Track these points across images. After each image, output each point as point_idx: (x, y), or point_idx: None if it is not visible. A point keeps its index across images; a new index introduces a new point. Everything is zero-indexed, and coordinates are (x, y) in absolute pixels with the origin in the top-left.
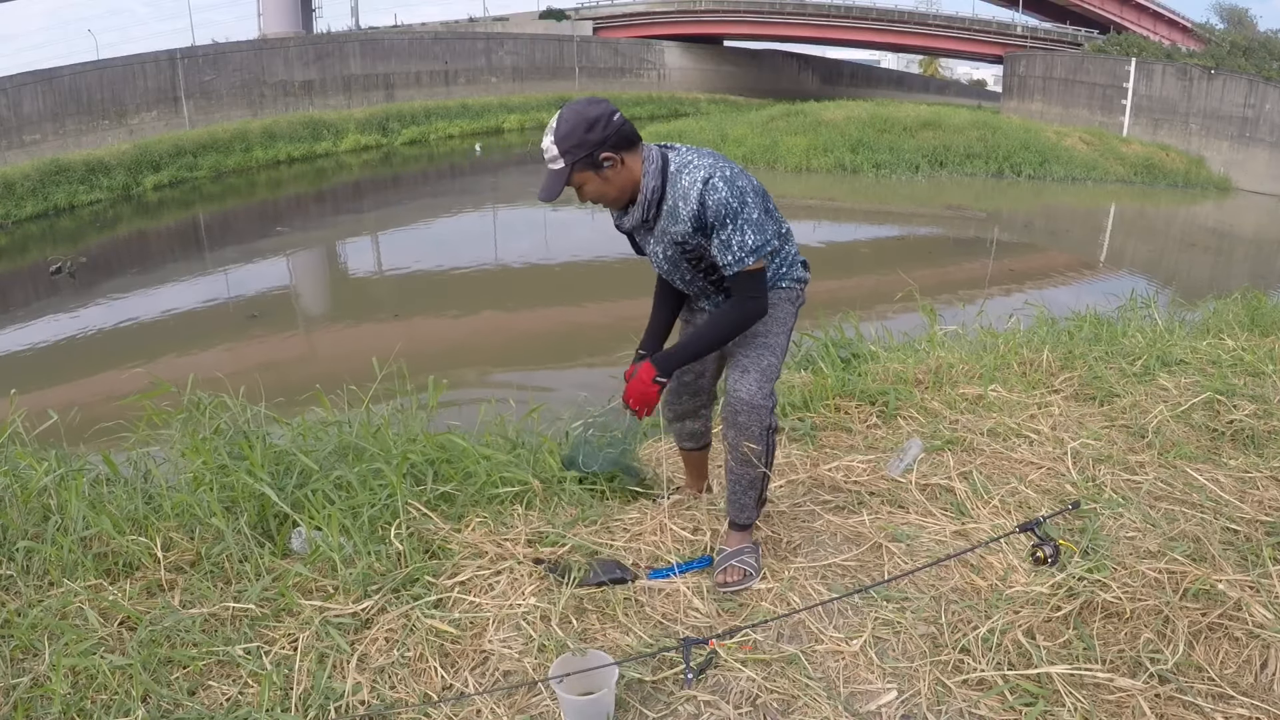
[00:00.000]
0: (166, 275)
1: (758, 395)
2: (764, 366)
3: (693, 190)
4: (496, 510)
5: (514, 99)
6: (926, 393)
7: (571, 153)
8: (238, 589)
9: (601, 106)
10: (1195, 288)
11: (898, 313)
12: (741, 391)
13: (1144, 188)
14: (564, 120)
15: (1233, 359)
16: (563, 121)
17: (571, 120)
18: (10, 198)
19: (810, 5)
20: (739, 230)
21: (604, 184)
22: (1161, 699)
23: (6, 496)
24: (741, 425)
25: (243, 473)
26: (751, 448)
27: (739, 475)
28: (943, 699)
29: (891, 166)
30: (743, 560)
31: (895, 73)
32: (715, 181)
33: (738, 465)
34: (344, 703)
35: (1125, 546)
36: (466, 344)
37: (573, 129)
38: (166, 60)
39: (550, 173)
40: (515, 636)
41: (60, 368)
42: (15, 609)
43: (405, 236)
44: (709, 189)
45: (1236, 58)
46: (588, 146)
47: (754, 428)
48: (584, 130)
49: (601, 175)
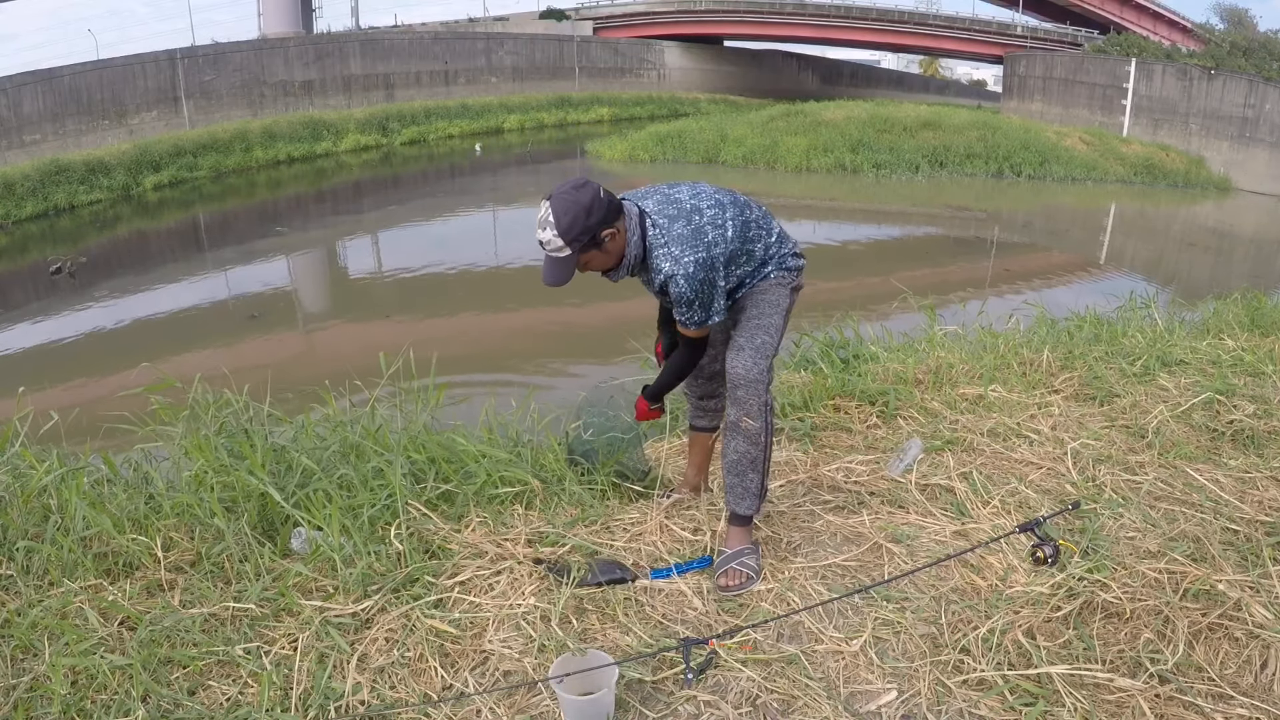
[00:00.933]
0: (166, 275)
1: (753, 370)
2: (758, 344)
3: (657, 276)
4: (496, 510)
5: (514, 99)
6: (926, 393)
7: (577, 240)
8: (238, 589)
9: (590, 189)
10: (1195, 288)
11: (897, 313)
12: (737, 366)
13: (1144, 188)
14: (561, 213)
15: (1233, 359)
16: (560, 215)
17: (571, 210)
18: (10, 198)
19: (810, 5)
20: (692, 311)
21: (605, 256)
22: (1161, 699)
23: (7, 496)
24: (740, 399)
25: (243, 472)
26: (750, 424)
27: (741, 454)
28: (943, 699)
29: (891, 166)
30: (743, 563)
31: (895, 73)
32: (678, 279)
33: (739, 443)
34: (344, 703)
35: (1125, 546)
36: (466, 343)
37: (574, 219)
38: (166, 60)
39: (556, 261)
40: (515, 636)
41: (60, 368)
42: (15, 609)
43: (405, 236)
44: (671, 282)
45: (1236, 58)
46: (590, 231)
47: (752, 402)
48: (585, 218)
49: (604, 250)
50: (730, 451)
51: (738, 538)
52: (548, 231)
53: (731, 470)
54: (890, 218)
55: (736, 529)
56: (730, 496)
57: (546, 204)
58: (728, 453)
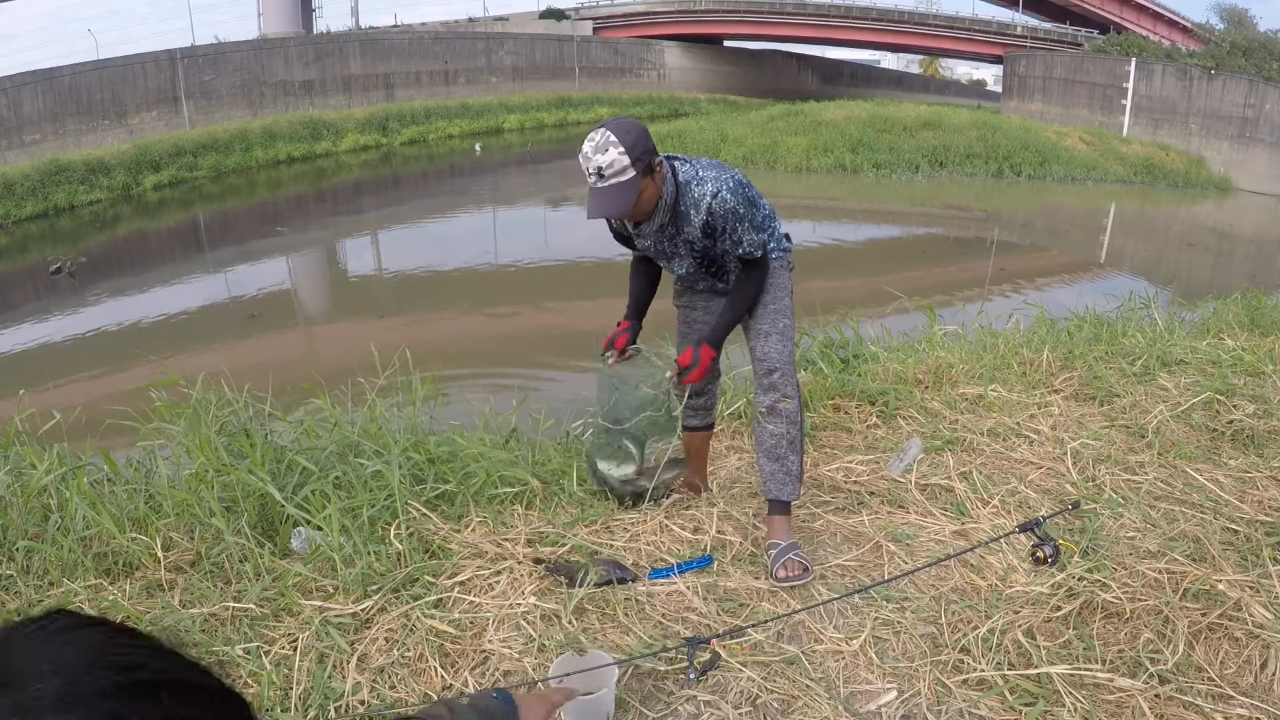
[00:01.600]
0: (166, 275)
1: (784, 352)
2: (781, 328)
3: (703, 201)
4: (496, 510)
5: (514, 99)
6: (926, 393)
7: (641, 159)
8: (238, 589)
9: (633, 120)
10: (1195, 288)
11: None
12: (770, 351)
13: (1144, 188)
14: (623, 132)
15: (1233, 359)
16: (623, 134)
17: (632, 130)
18: (10, 198)
19: (810, 5)
20: (747, 231)
21: (655, 189)
22: (1161, 699)
23: (7, 496)
24: (775, 383)
25: (243, 471)
26: (788, 404)
27: (779, 436)
28: (943, 699)
29: (891, 166)
30: (797, 554)
31: (895, 73)
32: (723, 194)
33: (778, 426)
34: (344, 703)
35: (1125, 546)
36: (466, 343)
37: (637, 137)
38: (166, 60)
39: (617, 188)
40: (515, 636)
41: (60, 367)
42: (15, 609)
43: (405, 236)
44: (717, 200)
45: (1236, 58)
46: (650, 152)
47: (788, 384)
48: (646, 137)
49: (655, 181)
50: (767, 437)
51: (783, 528)
52: (610, 153)
53: (770, 456)
54: (890, 218)
55: (781, 518)
56: (771, 484)
57: (601, 130)
58: (764, 439)
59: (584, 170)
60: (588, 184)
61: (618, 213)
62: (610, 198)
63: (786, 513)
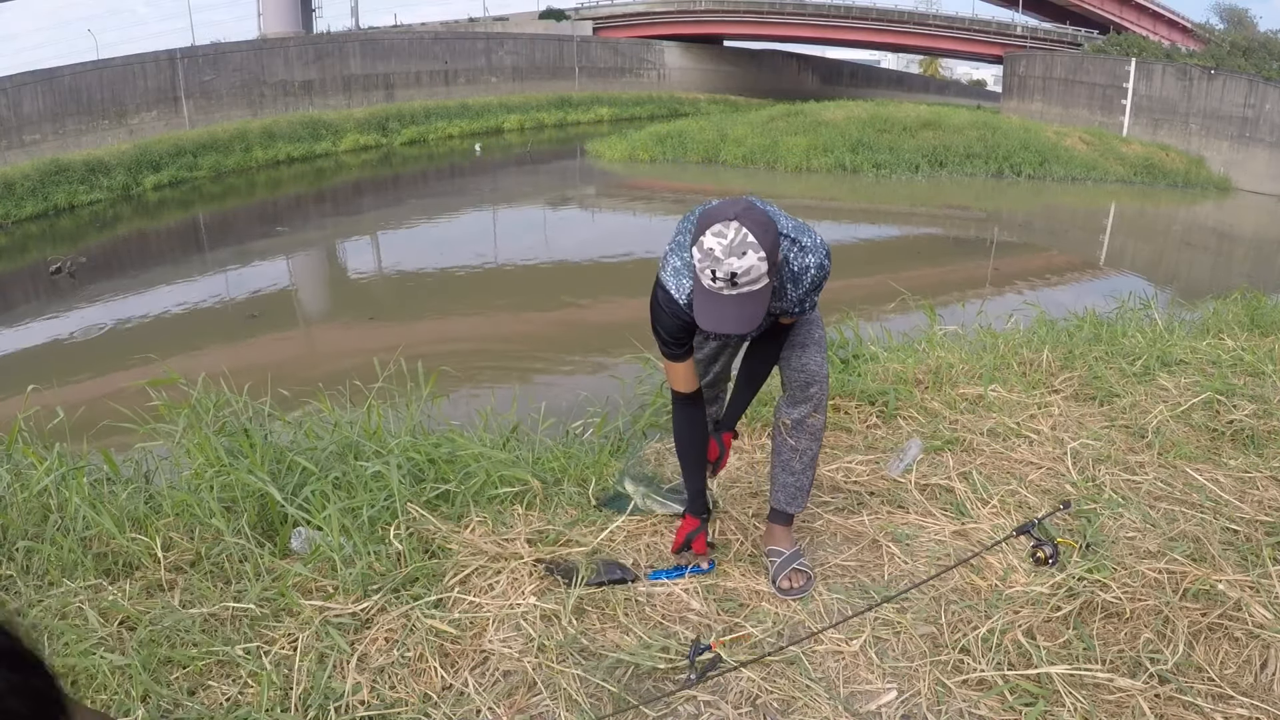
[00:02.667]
0: (166, 275)
1: (823, 365)
2: (816, 339)
3: (805, 275)
4: (496, 510)
5: (514, 99)
6: (926, 393)
7: (774, 264)
8: (238, 589)
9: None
10: (1195, 288)
11: (897, 313)
12: (810, 364)
13: (1144, 188)
14: (762, 230)
15: (1233, 359)
16: (761, 232)
17: (770, 227)
18: (10, 198)
19: (810, 5)
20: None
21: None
22: (1161, 699)
23: (7, 496)
24: (812, 395)
25: (243, 471)
26: (818, 419)
27: (801, 452)
28: (943, 699)
29: (891, 166)
30: (801, 564)
31: (895, 73)
32: (825, 262)
33: (800, 441)
34: (344, 703)
35: (1125, 546)
36: (465, 343)
37: (775, 239)
38: (166, 60)
39: (750, 296)
40: (515, 636)
41: (60, 367)
42: (15, 609)
43: (405, 236)
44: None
45: (1236, 58)
46: (778, 251)
47: (822, 398)
48: (776, 235)
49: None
50: (788, 451)
51: (786, 538)
52: (749, 257)
53: (787, 469)
54: (890, 218)
55: (783, 529)
56: (782, 496)
57: (733, 226)
58: (783, 452)
59: (702, 268)
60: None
61: (748, 328)
62: (742, 309)
63: (789, 523)
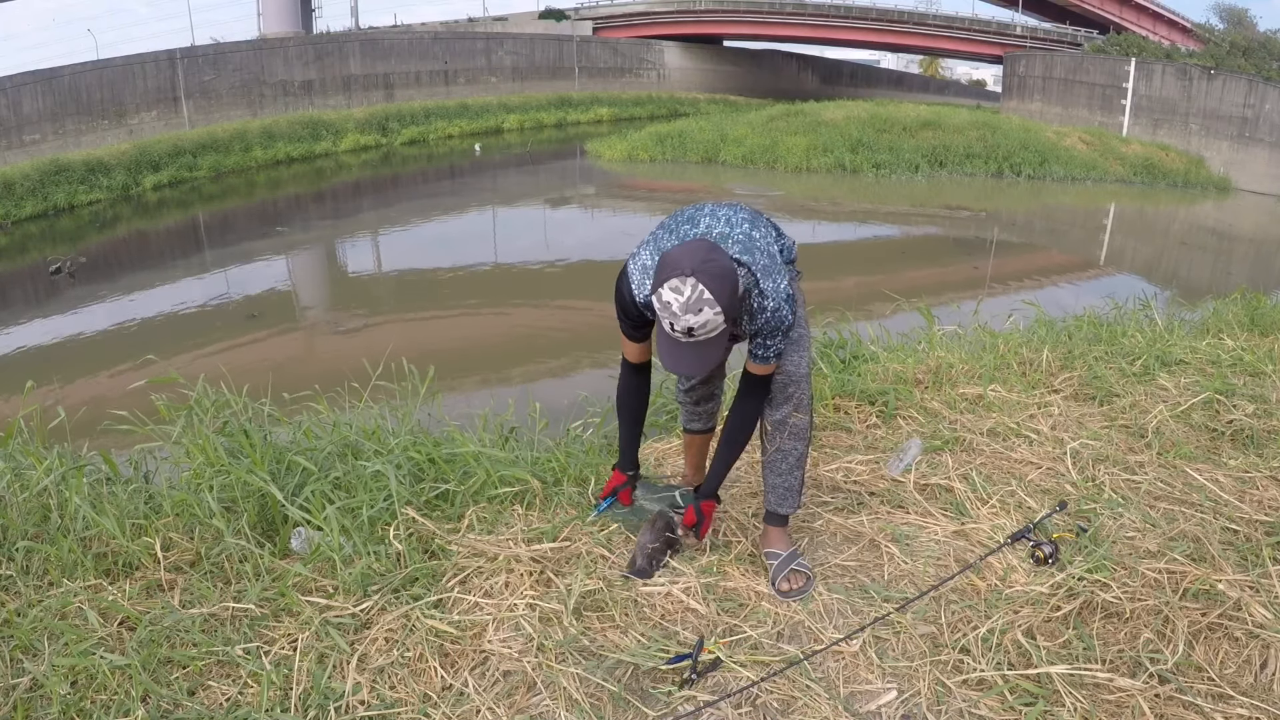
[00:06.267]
0: (166, 275)
1: (802, 366)
2: (796, 338)
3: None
4: (496, 510)
5: (514, 99)
6: (926, 393)
7: (732, 315)
8: (237, 589)
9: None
10: (1195, 288)
11: (897, 313)
12: (788, 365)
13: (1144, 188)
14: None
15: (1232, 359)
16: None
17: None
18: (10, 198)
19: (810, 5)
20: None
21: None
22: (1161, 699)
23: (7, 496)
24: (791, 395)
25: (243, 471)
26: (800, 418)
27: (787, 452)
28: (943, 699)
29: (891, 166)
30: (800, 564)
31: (895, 73)
32: (784, 308)
33: (785, 442)
34: (344, 703)
35: (1125, 546)
36: (465, 343)
37: (733, 292)
38: (166, 60)
39: (707, 343)
40: (515, 636)
41: (59, 367)
42: (15, 609)
43: (404, 236)
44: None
45: (1236, 58)
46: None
47: (803, 398)
48: (735, 284)
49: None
50: (774, 452)
51: (782, 539)
52: (704, 314)
53: (775, 470)
54: (890, 218)
55: (778, 530)
56: (772, 497)
57: (689, 282)
58: (770, 453)
59: (661, 317)
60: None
61: (705, 371)
62: (700, 355)
63: (785, 524)
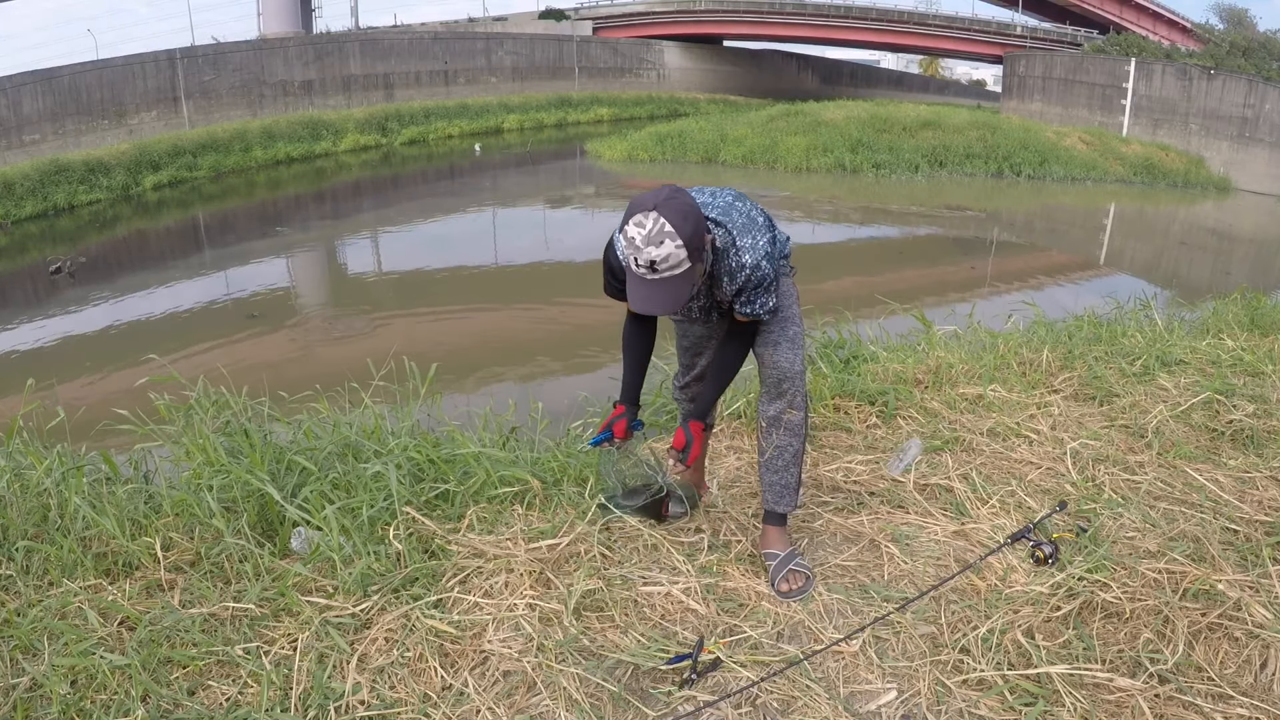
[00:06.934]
0: (166, 275)
1: (795, 362)
2: (790, 335)
3: (740, 274)
4: (496, 510)
5: (514, 99)
6: (926, 393)
7: (698, 248)
8: (237, 589)
9: (682, 192)
10: (1195, 288)
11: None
12: (781, 361)
13: (1144, 188)
14: (680, 218)
15: (1232, 359)
16: (680, 222)
17: (689, 214)
18: (10, 198)
19: (810, 5)
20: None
21: (703, 269)
22: (1161, 699)
23: (7, 496)
24: (784, 392)
25: (243, 471)
26: (794, 415)
27: (782, 448)
28: (943, 699)
29: (891, 166)
30: (798, 564)
31: (895, 73)
32: (762, 264)
33: (781, 438)
34: (344, 703)
35: (1125, 546)
36: (465, 343)
37: (696, 225)
38: (166, 60)
39: (672, 280)
40: (515, 636)
41: (59, 368)
42: (15, 609)
43: (404, 236)
44: (755, 270)
45: (1236, 58)
46: (704, 232)
47: (797, 395)
48: (701, 219)
49: (704, 261)
50: (770, 449)
51: (781, 539)
52: (666, 245)
53: (771, 468)
54: (890, 218)
55: (777, 529)
56: (770, 495)
57: (652, 216)
58: (767, 451)
59: (626, 255)
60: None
61: (672, 309)
62: (665, 293)
63: (783, 524)
